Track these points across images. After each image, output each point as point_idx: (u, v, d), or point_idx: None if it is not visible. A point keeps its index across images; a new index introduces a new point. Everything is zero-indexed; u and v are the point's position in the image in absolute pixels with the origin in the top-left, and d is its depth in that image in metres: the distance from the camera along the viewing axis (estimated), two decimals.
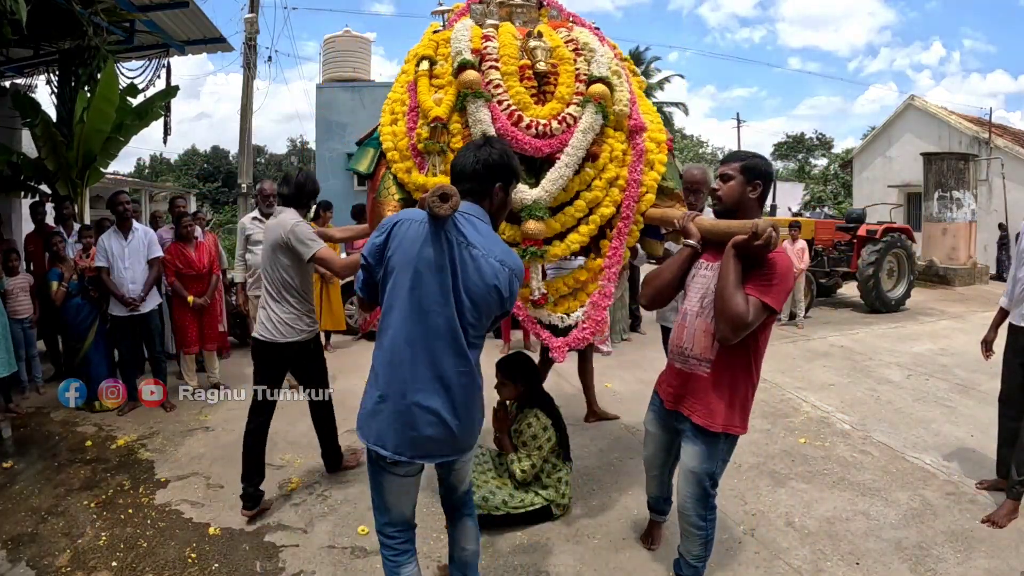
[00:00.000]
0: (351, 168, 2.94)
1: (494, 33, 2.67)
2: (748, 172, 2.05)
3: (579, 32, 2.77)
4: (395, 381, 1.76)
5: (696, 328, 2.06)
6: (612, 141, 2.59)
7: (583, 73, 2.59)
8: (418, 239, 1.71)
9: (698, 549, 2.18)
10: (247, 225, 4.57)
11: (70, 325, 4.48)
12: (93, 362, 4.47)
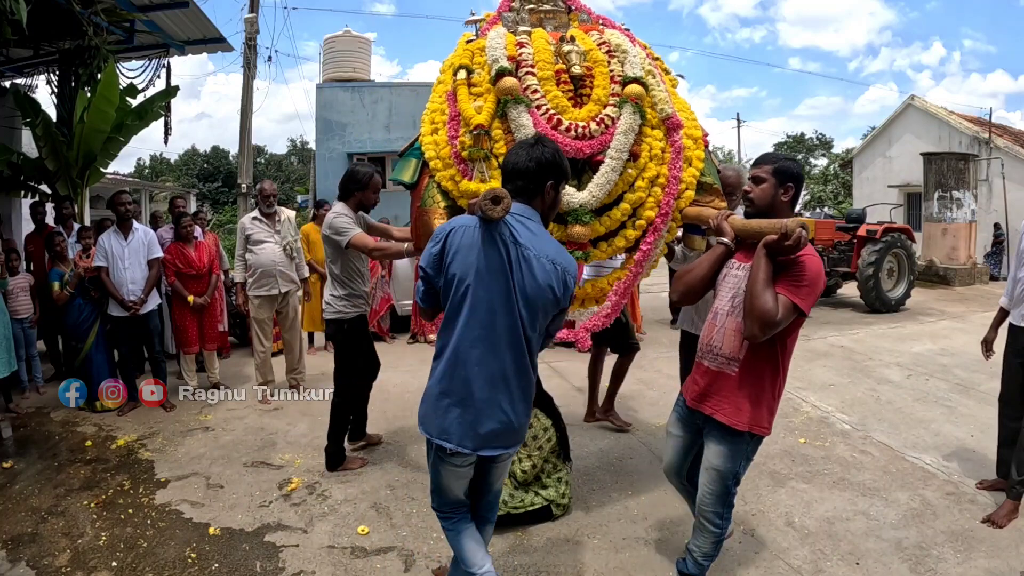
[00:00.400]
0: (395, 179, 2.98)
1: (527, 40, 2.73)
2: (780, 175, 2.06)
3: (610, 34, 2.82)
4: (458, 380, 1.83)
5: (726, 327, 2.07)
6: (651, 140, 2.62)
7: (617, 74, 2.65)
8: (474, 244, 1.78)
9: (709, 547, 2.18)
10: (247, 225, 4.57)
11: (71, 325, 4.48)
12: (94, 362, 4.46)
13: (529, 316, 1.81)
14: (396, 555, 2.59)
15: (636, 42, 2.90)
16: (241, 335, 6.21)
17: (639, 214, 2.60)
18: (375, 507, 3.00)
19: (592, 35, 2.83)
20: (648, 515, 2.90)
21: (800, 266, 1.91)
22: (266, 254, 4.49)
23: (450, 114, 2.68)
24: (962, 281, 11.26)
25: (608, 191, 2.52)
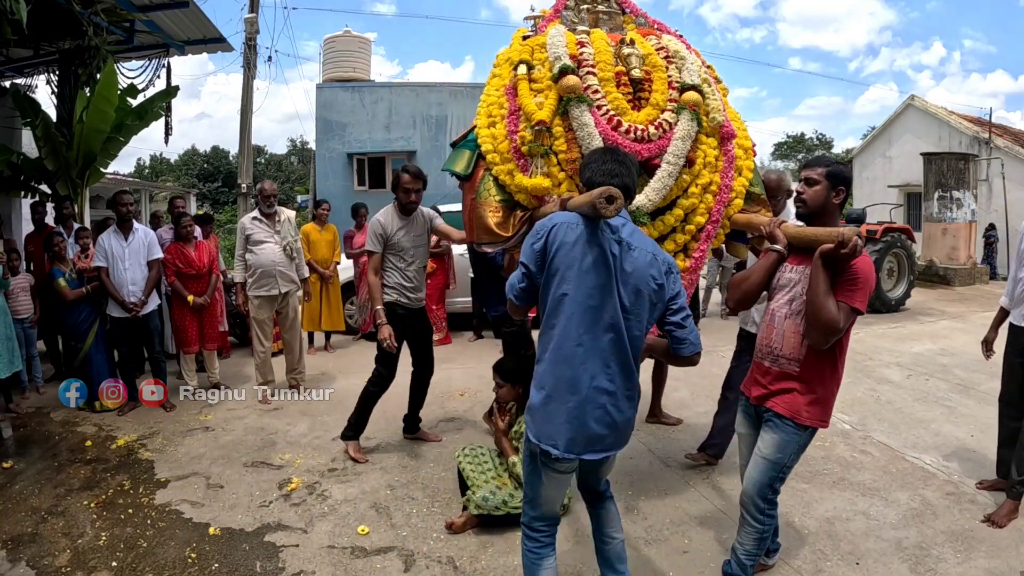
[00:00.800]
0: (446, 168, 2.97)
1: (588, 39, 2.74)
2: (833, 178, 2.10)
3: (668, 40, 2.86)
4: (563, 381, 1.81)
5: (785, 329, 2.12)
6: (705, 147, 2.66)
7: (675, 80, 2.69)
8: (578, 240, 1.79)
9: (751, 544, 2.20)
10: (247, 225, 4.57)
11: (70, 325, 4.47)
12: (94, 362, 4.46)
13: (635, 311, 1.82)
14: (396, 555, 2.59)
15: (691, 49, 2.94)
16: (241, 335, 6.21)
17: (690, 219, 2.64)
18: (375, 507, 3.00)
19: (650, 39, 2.85)
20: (648, 515, 2.90)
21: (853, 269, 1.96)
22: (266, 254, 4.49)
23: (509, 108, 2.68)
24: (962, 281, 11.25)
25: (664, 195, 2.55)
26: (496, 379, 2.93)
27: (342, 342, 6.49)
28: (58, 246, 4.51)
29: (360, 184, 11.93)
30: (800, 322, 2.05)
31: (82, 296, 4.41)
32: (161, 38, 6.72)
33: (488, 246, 2.77)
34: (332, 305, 6.16)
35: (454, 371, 5.39)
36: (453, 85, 12.88)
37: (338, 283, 6.24)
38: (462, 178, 2.90)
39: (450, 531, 2.74)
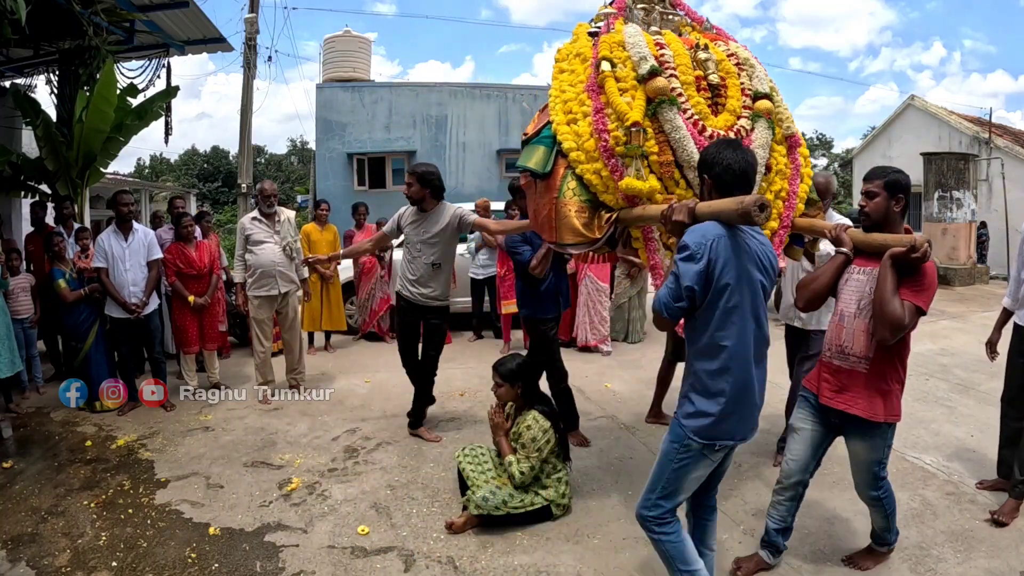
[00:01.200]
0: (520, 165, 2.87)
1: (664, 41, 2.69)
2: (891, 188, 2.22)
3: (736, 47, 2.89)
4: (740, 385, 1.90)
5: (855, 328, 2.20)
6: (776, 155, 2.69)
7: (747, 88, 2.69)
8: (736, 251, 1.84)
9: (883, 520, 2.42)
10: (247, 225, 4.56)
11: (70, 326, 4.47)
12: (94, 362, 4.46)
13: (765, 306, 1.96)
14: (396, 555, 2.60)
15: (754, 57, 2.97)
16: (241, 335, 6.21)
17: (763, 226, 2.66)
18: (375, 507, 3.00)
19: (718, 45, 2.85)
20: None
21: (922, 271, 2.08)
22: (266, 254, 4.49)
23: (594, 106, 2.59)
24: (962, 281, 11.25)
25: None
26: (495, 379, 2.93)
27: (342, 342, 6.49)
28: (58, 246, 4.51)
29: (360, 184, 11.94)
30: (869, 321, 2.15)
31: (82, 297, 4.41)
32: (161, 38, 6.72)
33: (572, 247, 2.68)
34: (332, 305, 6.16)
35: (454, 371, 5.39)
36: (453, 85, 12.89)
37: (338, 283, 6.24)
38: (537, 175, 2.78)
39: (450, 531, 2.74)
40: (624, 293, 6.27)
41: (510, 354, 3.09)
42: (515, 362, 2.94)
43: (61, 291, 4.39)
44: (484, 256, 6.31)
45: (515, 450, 2.86)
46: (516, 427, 2.88)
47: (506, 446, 2.89)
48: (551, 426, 2.83)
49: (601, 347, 5.98)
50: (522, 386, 2.90)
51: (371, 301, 6.45)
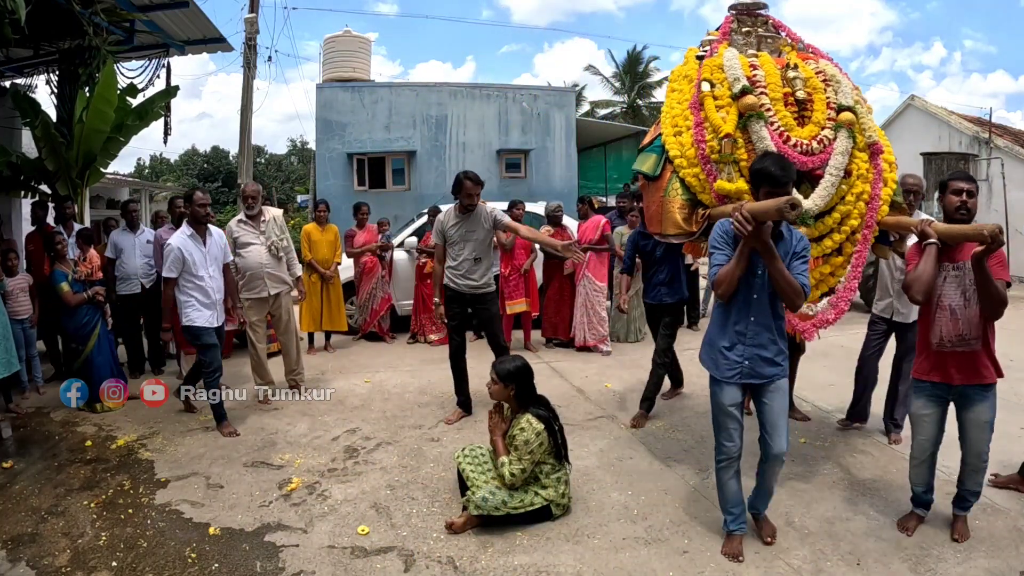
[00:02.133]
0: (635, 169, 3.41)
1: (758, 63, 3.14)
2: (978, 188, 2.68)
3: (825, 64, 3.26)
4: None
5: (970, 317, 2.55)
6: (859, 161, 3.03)
7: (832, 101, 3.07)
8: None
9: (982, 481, 2.75)
10: (234, 228, 4.55)
11: (72, 328, 4.45)
12: (95, 364, 4.44)
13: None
14: (396, 555, 2.60)
15: (843, 73, 3.27)
16: (241, 335, 6.21)
17: (845, 223, 3.01)
18: (375, 507, 3.00)
19: (809, 63, 3.24)
20: (648, 515, 2.90)
21: (997, 252, 2.44)
22: (252, 256, 4.48)
23: (695, 121, 3.09)
24: None
25: (827, 201, 2.93)
26: (491, 375, 2.94)
27: (342, 342, 6.49)
28: (60, 245, 4.45)
29: (360, 184, 11.92)
30: (977, 307, 2.52)
31: (84, 301, 4.39)
32: (161, 38, 6.72)
33: (674, 238, 3.20)
34: (333, 305, 6.16)
35: None
36: (453, 85, 12.88)
37: (339, 283, 6.24)
38: (649, 178, 3.31)
39: (450, 531, 2.74)
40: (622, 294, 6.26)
41: (511, 355, 3.09)
42: (513, 363, 2.94)
43: (64, 294, 4.36)
44: None
45: (509, 451, 2.86)
46: (511, 429, 2.88)
47: (501, 447, 2.89)
48: (544, 428, 2.82)
49: (601, 347, 5.98)
50: (515, 388, 2.90)
51: (372, 301, 6.45)
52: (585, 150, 16.78)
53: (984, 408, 2.64)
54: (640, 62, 27.92)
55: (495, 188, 11.91)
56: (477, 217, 4.07)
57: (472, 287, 4.10)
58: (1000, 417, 3.67)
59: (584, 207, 6.42)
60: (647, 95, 28.36)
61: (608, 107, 28.61)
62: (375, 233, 6.49)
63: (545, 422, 2.85)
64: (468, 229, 4.07)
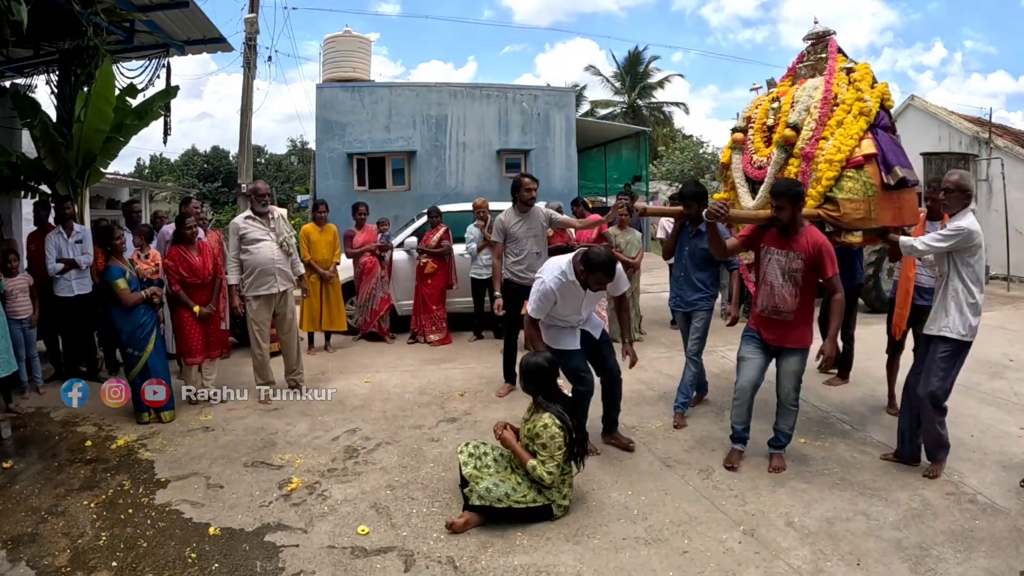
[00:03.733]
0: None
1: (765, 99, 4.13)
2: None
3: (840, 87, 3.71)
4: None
5: (784, 294, 3.17)
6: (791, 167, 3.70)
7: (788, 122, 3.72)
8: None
9: (792, 419, 3.36)
10: (241, 225, 4.54)
11: (128, 331, 4.18)
12: (156, 371, 4.21)
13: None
14: (396, 555, 2.60)
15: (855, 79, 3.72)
16: (241, 335, 6.20)
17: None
18: (375, 507, 3.00)
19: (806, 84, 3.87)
20: (648, 515, 2.90)
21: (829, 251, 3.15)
22: (263, 252, 4.48)
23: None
24: None
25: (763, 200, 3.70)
26: (520, 370, 2.98)
27: (342, 342, 6.48)
28: (119, 239, 4.19)
29: (360, 184, 11.93)
30: (792, 286, 3.20)
31: (142, 300, 4.17)
32: (161, 38, 6.72)
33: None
34: (332, 305, 6.15)
35: (454, 371, 5.39)
36: (453, 85, 12.88)
37: (338, 283, 6.23)
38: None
39: (450, 531, 2.74)
40: None
41: (536, 351, 3.09)
42: (539, 358, 2.95)
43: (120, 292, 4.07)
44: (487, 256, 6.31)
45: (534, 454, 2.85)
46: (534, 427, 2.87)
47: (523, 454, 2.88)
48: (563, 425, 2.83)
49: None
50: (538, 383, 2.92)
51: (372, 301, 6.45)
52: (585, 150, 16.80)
53: (792, 361, 3.22)
54: (640, 62, 27.94)
55: (495, 188, 11.91)
56: (536, 214, 4.60)
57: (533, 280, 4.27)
58: (1000, 417, 3.72)
59: (579, 208, 6.42)
60: (647, 95, 28.37)
61: (608, 107, 28.62)
62: (374, 233, 6.49)
63: (564, 421, 2.85)
64: (529, 226, 4.56)
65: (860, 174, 3.43)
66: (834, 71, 3.76)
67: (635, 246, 6.27)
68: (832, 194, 3.46)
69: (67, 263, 4.97)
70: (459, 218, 6.73)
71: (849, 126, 3.51)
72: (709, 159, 23.69)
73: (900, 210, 3.49)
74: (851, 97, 3.58)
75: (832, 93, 3.65)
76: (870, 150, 3.44)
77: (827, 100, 3.64)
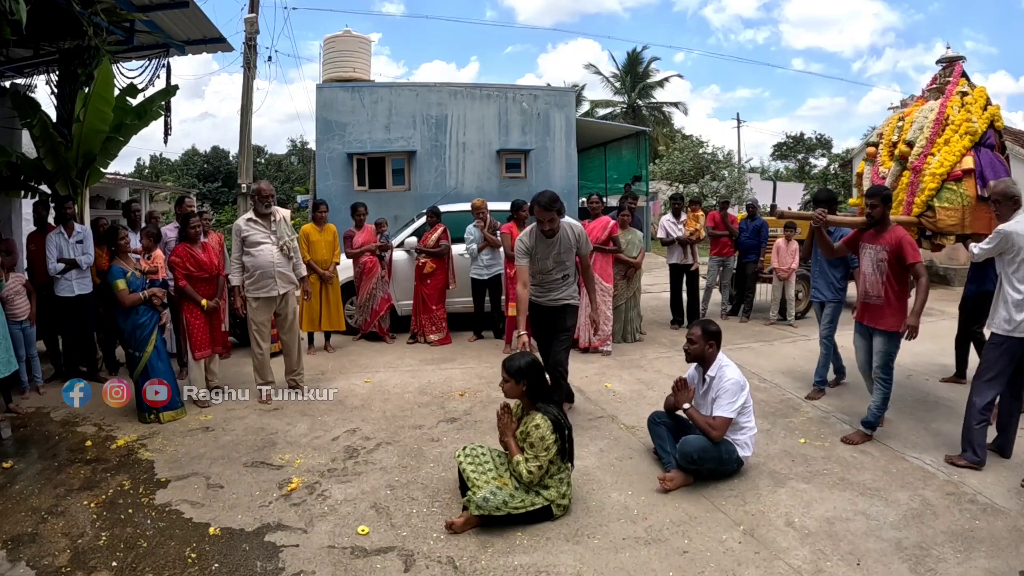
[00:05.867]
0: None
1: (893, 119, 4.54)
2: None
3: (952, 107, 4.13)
4: None
5: (873, 282, 3.76)
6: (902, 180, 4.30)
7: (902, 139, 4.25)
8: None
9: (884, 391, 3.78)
10: (243, 227, 4.54)
11: (129, 330, 4.21)
12: (157, 370, 4.21)
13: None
14: (396, 555, 2.60)
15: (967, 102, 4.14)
16: (242, 335, 6.20)
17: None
18: (375, 507, 3.00)
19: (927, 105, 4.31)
20: (648, 515, 2.90)
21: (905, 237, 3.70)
22: (264, 255, 4.48)
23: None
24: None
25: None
26: (503, 374, 2.95)
27: (342, 342, 6.49)
28: (124, 240, 4.20)
29: (360, 184, 11.92)
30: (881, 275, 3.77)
31: (141, 301, 4.18)
32: (161, 38, 6.71)
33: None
34: (332, 305, 6.15)
35: (454, 371, 5.39)
36: (453, 85, 12.88)
37: (338, 283, 6.23)
38: None
39: (450, 531, 2.74)
40: (621, 295, 6.27)
41: (520, 352, 3.09)
42: (524, 360, 2.94)
43: (119, 293, 4.10)
44: (487, 257, 6.31)
45: (522, 450, 2.86)
46: (523, 426, 2.88)
47: (514, 446, 2.89)
48: (553, 426, 2.83)
49: (602, 347, 5.98)
50: (527, 384, 2.91)
51: (372, 301, 6.45)
52: (585, 150, 16.79)
53: (880, 342, 3.74)
54: (640, 62, 27.96)
55: (495, 188, 11.90)
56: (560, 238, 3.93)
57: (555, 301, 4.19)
58: None
59: (597, 207, 6.25)
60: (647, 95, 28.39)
61: (608, 107, 28.63)
62: (373, 233, 6.49)
63: (555, 421, 2.85)
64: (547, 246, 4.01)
65: (958, 186, 3.92)
66: (951, 94, 4.20)
67: (636, 246, 6.28)
68: (932, 203, 3.98)
69: (68, 263, 4.96)
70: (459, 218, 6.73)
71: (954, 144, 3.98)
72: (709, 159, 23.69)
73: (992, 220, 3.68)
74: (960, 118, 4.05)
75: (944, 114, 4.10)
76: (968, 165, 3.93)
77: (939, 120, 4.11)
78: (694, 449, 3.13)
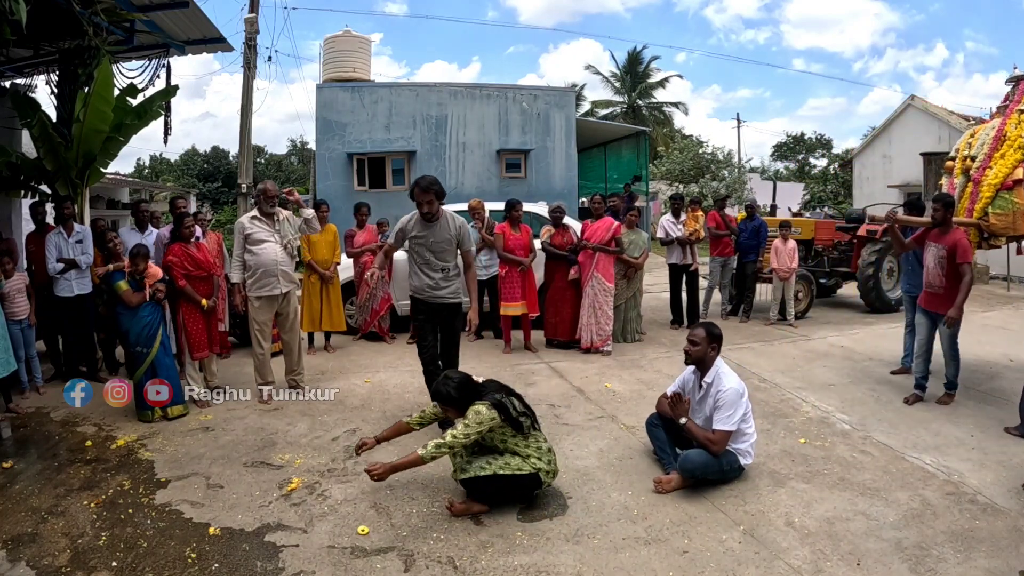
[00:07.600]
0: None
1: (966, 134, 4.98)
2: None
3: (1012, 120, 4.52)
4: None
5: (936, 274, 4.21)
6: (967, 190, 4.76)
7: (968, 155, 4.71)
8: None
9: (954, 367, 4.26)
10: (246, 225, 4.54)
11: (135, 329, 4.20)
12: (164, 366, 4.23)
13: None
14: (396, 555, 2.60)
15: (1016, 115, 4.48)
16: (242, 335, 6.20)
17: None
18: (375, 507, 3.00)
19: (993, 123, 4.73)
20: (648, 515, 2.90)
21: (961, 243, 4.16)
22: (267, 254, 4.48)
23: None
24: None
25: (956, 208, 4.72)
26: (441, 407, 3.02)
27: (342, 342, 6.48)
28: (112, 242, 4.24)
29: (360, 184, 11.93)
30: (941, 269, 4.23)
31: (145, 300, 4.19)
32: (161, 38, 6.71)
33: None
34: (332, 305, 6.15)
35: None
36: (453, 85, 12.89)
37: (338, 283, 6.23)
38: None
39: (450, 511, 2.84)
40: (621, 294, 6.27)
41: (442, 378, 3.05)
42: (447, 386, 2.93)
43: (123, 294, 4.16)
44: (485, 257, 6.31)
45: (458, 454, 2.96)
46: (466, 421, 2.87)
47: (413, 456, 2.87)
48: (492, 406, 2.83)
49: (602, 347, 5.98)
50: (462, 401, 2.90)
51: (372, 301, 6.45)
52: (585, 150, 16.79)
53: (943, 326, 4.24)
54: (641, 62, 27.96)
55: (495, 188, 11.91)
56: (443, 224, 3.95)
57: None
58: (1000, 417, 3.72)
59: (599, 207, 6.23)
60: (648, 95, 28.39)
61: (608, 107, 28.64)
62: (374, 233, 6.49)
63: (496, 403, 2.85)
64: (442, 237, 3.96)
65: (1010, 195, 4.36)
66: (1011, 112, 4.58)
67: (639, 246, 6.27)
68: (988, 209, 4.45)
69: (67, 263, 4.96)
70: None
71: (1008, 157, 4.40)
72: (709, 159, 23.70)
73: None
74: (1016, 134, 4.44)
75: (1003, 131, 4.51)
76: (1019, 176, 4.35)
77: (998, 137, 4.52)
78: (696, 466, 3.09)
